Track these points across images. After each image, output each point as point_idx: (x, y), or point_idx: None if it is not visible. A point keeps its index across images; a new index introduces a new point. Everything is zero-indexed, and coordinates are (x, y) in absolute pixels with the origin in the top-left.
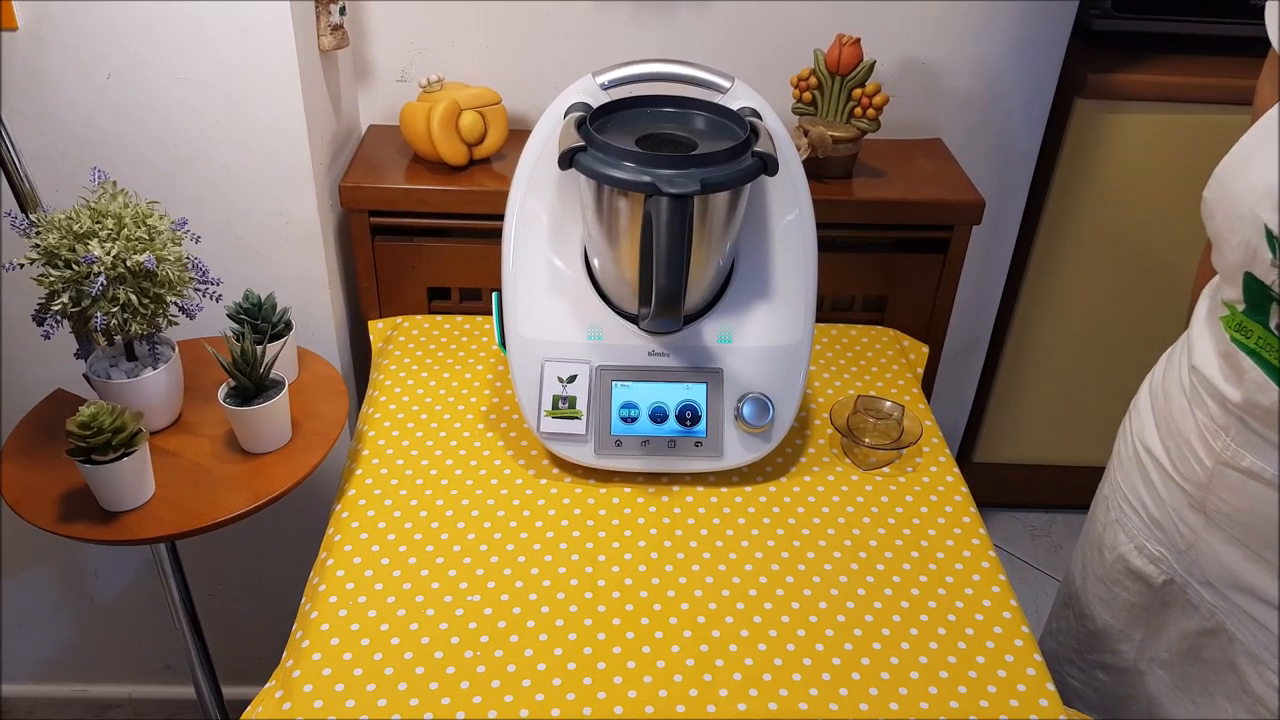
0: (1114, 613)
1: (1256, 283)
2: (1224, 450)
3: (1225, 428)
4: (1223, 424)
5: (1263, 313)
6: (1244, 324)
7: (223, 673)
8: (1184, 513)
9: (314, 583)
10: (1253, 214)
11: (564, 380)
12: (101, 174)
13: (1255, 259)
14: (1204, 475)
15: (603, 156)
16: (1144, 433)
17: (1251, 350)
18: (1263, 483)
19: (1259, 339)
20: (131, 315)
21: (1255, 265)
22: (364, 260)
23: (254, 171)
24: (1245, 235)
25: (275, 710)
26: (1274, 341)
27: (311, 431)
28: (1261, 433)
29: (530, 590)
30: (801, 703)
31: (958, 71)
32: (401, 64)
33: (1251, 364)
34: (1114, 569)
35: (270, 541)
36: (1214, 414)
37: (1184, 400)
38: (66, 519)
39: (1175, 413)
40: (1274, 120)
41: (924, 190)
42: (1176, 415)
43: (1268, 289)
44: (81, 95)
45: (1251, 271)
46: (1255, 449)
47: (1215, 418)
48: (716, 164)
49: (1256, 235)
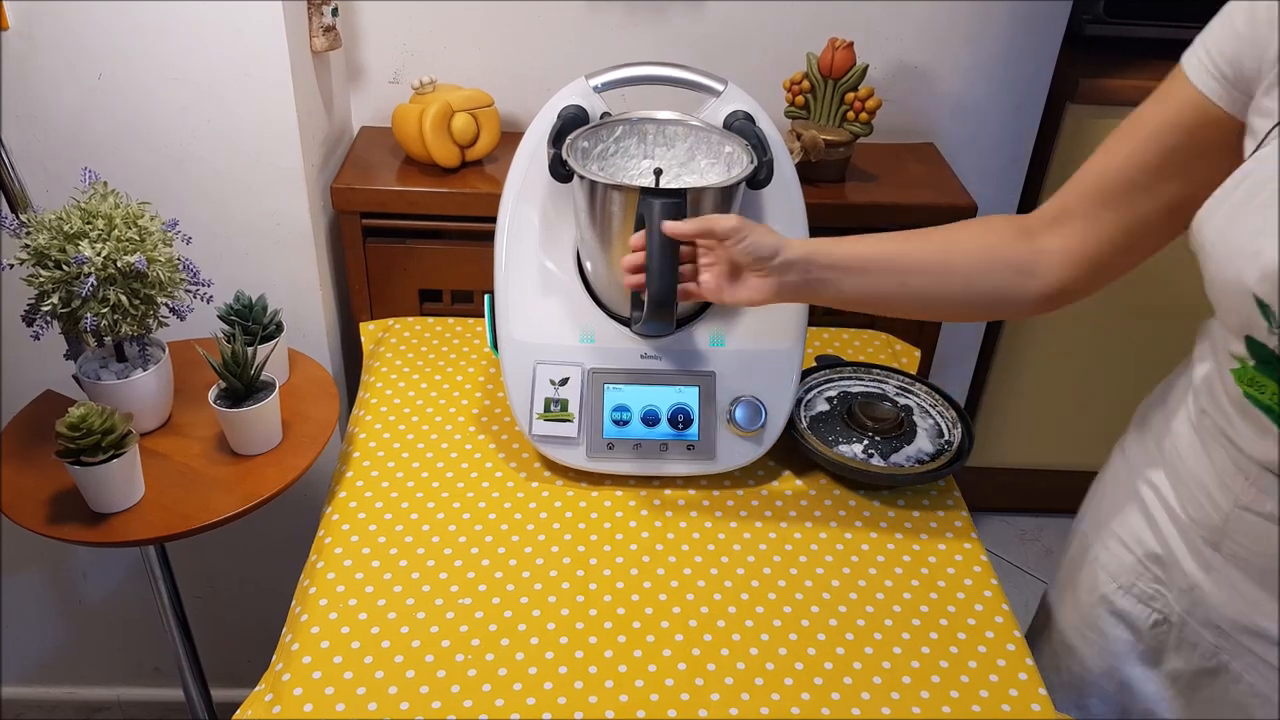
0: (1094, 655)
1: (1259, 345)
2: (1243, 494)
3: (1244, 471)
4: (1242, 468)
5: (1273, 368)
6: (1256, 379)
7: (212, 675)
8: (1192, 552)
9: (304, 585)
10: (1239, 282)
11: (556, 383)
12: (92, 174)
13: (1252, 325)
14: (1219, 518)
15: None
16: (1145, 467)
17: (1267, 407)
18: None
19: (1273, 395)
20: (122, 316)
21: (1253, 330)
22: (355, 262)
23: (245, 173)
24: (1236, 303)
25: (265, 713)
26: None
27: (302, 433)
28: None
29: (522, 594)
30: (794, 707)
31: (950, 76)
32: (394, 65)
33: (1270, 421)
34: (1094, 611)
35: (260, 544)
36: (1233, 458)
37: (1194, 438)
38: (56, 521)
39: (1184, 451)
40: (1265, 178)
41: (916, 194)
42: (1186, 454)
43: (1272, 351)
44: (72, 96)
45: (1252, 335)
46: (1277, 492)
47: (1235, 462)
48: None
49: (1247, 304)
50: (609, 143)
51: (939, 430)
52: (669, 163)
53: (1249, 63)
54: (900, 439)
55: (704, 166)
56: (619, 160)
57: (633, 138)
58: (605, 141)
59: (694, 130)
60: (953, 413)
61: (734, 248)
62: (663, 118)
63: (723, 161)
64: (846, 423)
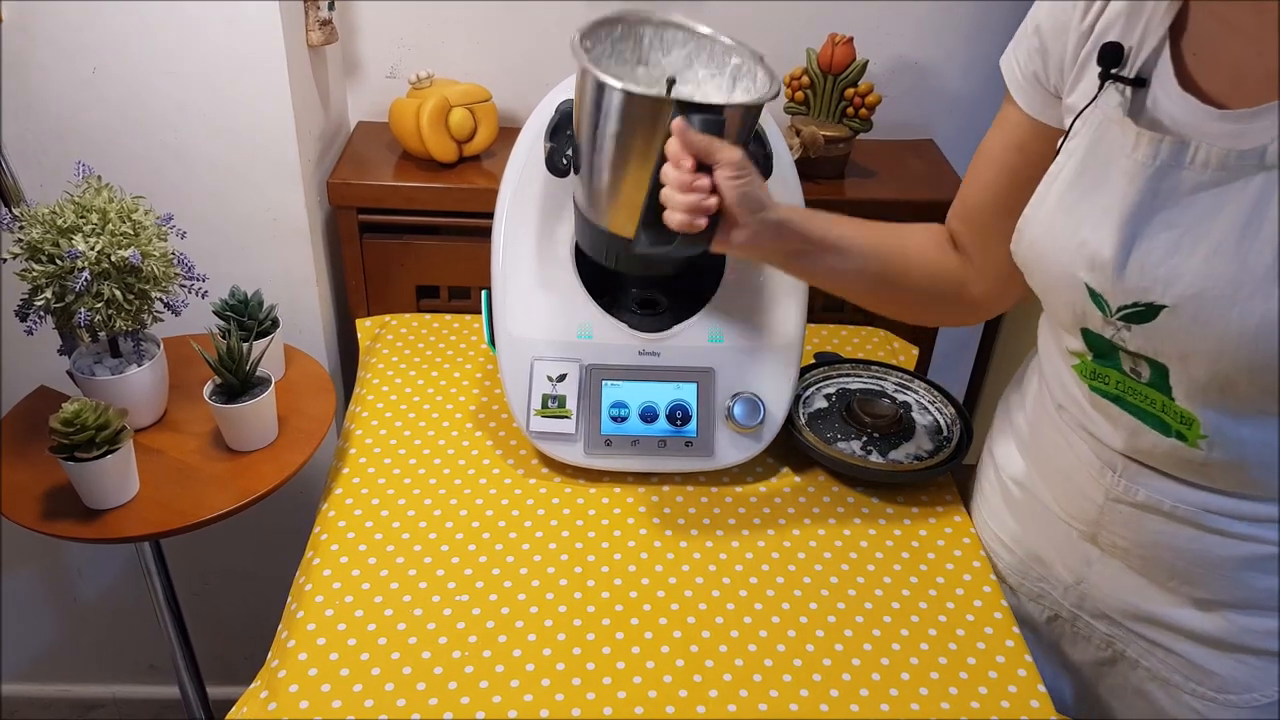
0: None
1: (1097, 337)
2: (1114, 486)
3: (1110, 464)
4: (1107, 461)
5: (1112, 359)
6: (1098, 371)
7: (208, 673)
8: (1072, 547)
9: (300, 582)
10: (1069, 275)
11: (553, 379)
12: (86, 168)
13: (1087, 317)
14: (1094, 511)
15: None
16: (1010, 466)
17: (1115, 396)
18: (1161, 514)
19: (1118, 383)
20: (116, 311)
21: (1089, 322)
22: (352, 258)
23: (241, 167)
24: (1069, 297)
25: (260, 710)
26: (1133, 384)
27: (298, 429)
28: (1151, 466)
29: (519, 590)
30: (792, 703)
31: (950, 72)
32: (391, 60)
33: (1118, 409)
34: None
35: (256, 540)
36: (1097, 452)
37: (1058, 437)
38: (50, 517)
39: (1049, 449)
40: (1076, 170)
41: (915, 191)
42: (1051, 452)
43: (1110, 341)
44: (66, 89)
45: (1088, 328)
46: (1147, 481)
47: (1099, 455)
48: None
49: (1080, 297)
50: (606, 44)
51: (938, 427)
52: (661, 72)
53: (1053, 64)
54: (899, 436)
55: (702, 78)
56: (613, 65)
57: (628, 41)
58: (603, 43)
59: (694, 37)
60: (951, 409)
61: (733, 183)
62: (659, 20)
63: (727, 75)
64: (845, 420)
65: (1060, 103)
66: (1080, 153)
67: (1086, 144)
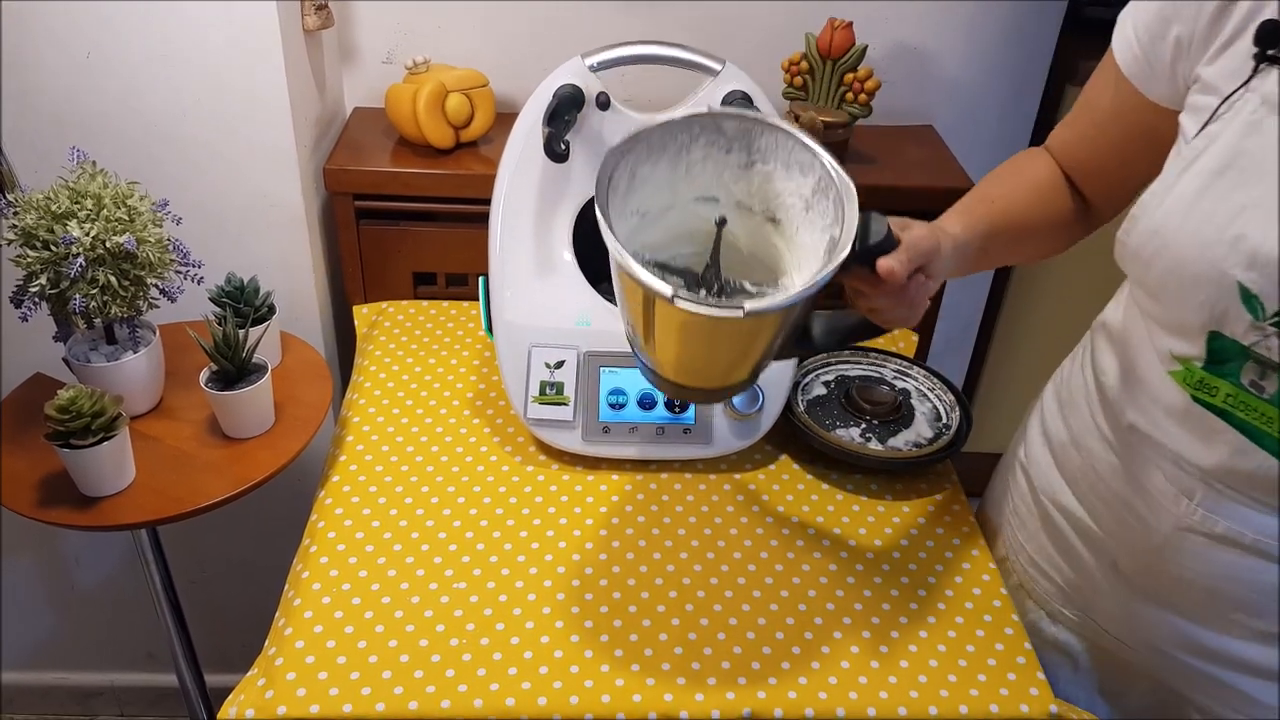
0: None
1: (1230, 342)
2: (1188, 515)
3: (1188, 491)
4: (1184, 488)
5: (1229, 369)
6: (1206, 381)
7: (206, 661)
8: (1121, 578)
9: (297, 570)
10: (1218, 272)
11: (551, 366)
12: (80, 154)
13: (1226, 319)
14: (1157, 540)
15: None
16: (1052, 489)
17: (1221, 410)
18: (1239, 547)
19: (1228, 396)
20: (111, 297)
21: (1226, 325)
22: (349, 244)
23: (237, 153)
24: (1208, 296)
25: (258, 698)
26: (1249, 398)
27: (294, 416)
28: (1239, 496)
29: (516, 578)
30: (790, 691)
31: (949, 58)
32: (387, 45)
33: (1223, 424)
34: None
35: (254, 528)
36: (1172, 478)
37: (1113, 458)
38: (46, 505)
39: (1104, 472)
40: (1224, 156)
41: (914, 177)
42: (1106, 475)
43: (1247, 349)
44: (60, 73)
45: (1220, 331)
46: (1230, 511)
47: (1174, 481)
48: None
49: (1227, 296)
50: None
51: (937, 414)
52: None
53: (1182, 32)
54: (898, 423)
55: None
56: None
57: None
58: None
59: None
60: (951, 396)
61: (904, 279)
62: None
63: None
64: (844, 406)
65: (1176, 76)
66: (1230, 138)
67: (1239, 130)
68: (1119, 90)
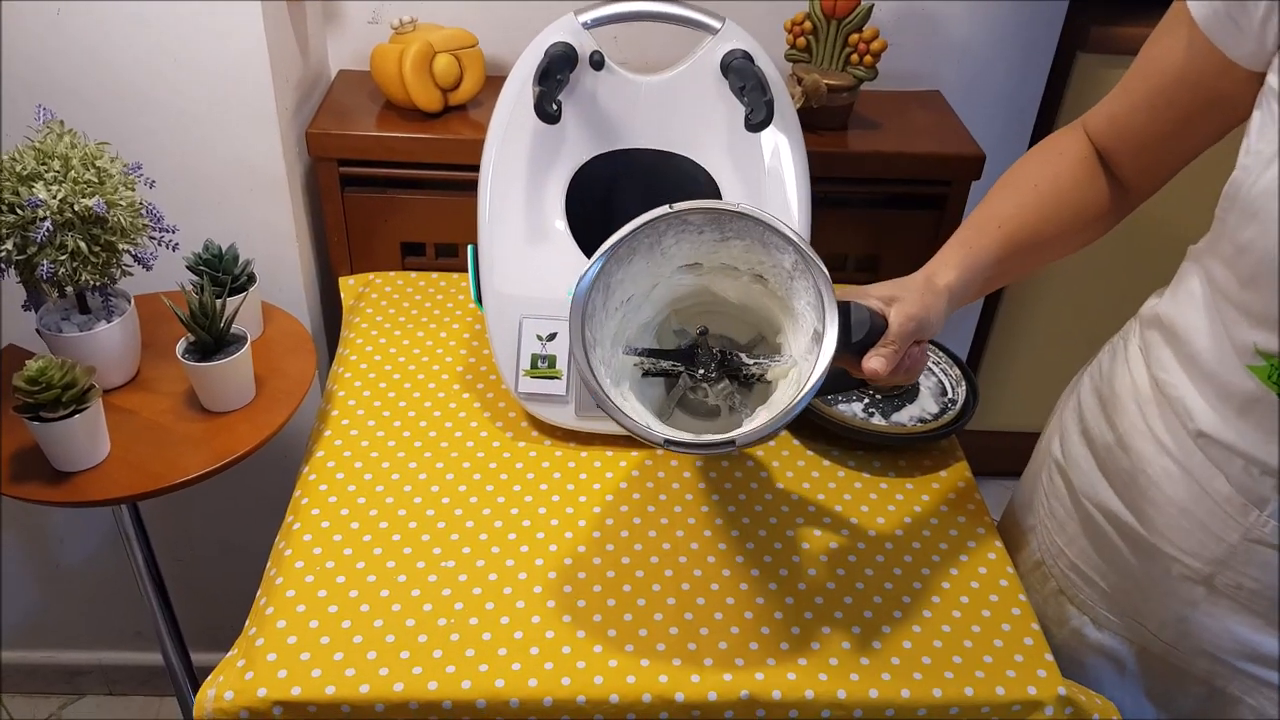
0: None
1: None
2: (1258, 527)
3: (1259, 501)
4: (1256, 497)
5: None
6: None
7: (192, 639)
8: (1176, 585)
9: (279, 547)
10: None
11: (543, 338)
12: (47, 113)
13: None
14: (1221, 551)
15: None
16: (1094, 491)
17: None
18: None
19: None
20: (81, 264)
21: None
22: (333, 213)
23: (215, 115)
24: None
25: (237, 680)
26: None
27: (276, 389)
28: None
29: (507, 556)
30: (790, 673)
31: (957, 21)
32: (373, 4)
33: None
34: (1069, 644)
35: (240, 506)
36: (1242, 487)
37: (1168, 463)
38: (17, 479)
39: (1157, 477)
40: None
41: (921, 143)
42: (1160, 480)
43: None
44: (28, 33)
45: None
46: None
47: (1244, 491)
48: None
49: None
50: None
51: (942, 389)
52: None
53: None
54: (902, 398)
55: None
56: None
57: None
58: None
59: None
60: (957, 370)
61: (899, 359)
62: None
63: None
64: None
65: (1266, 33)
66: None
67: None
68: (1192, 50)
